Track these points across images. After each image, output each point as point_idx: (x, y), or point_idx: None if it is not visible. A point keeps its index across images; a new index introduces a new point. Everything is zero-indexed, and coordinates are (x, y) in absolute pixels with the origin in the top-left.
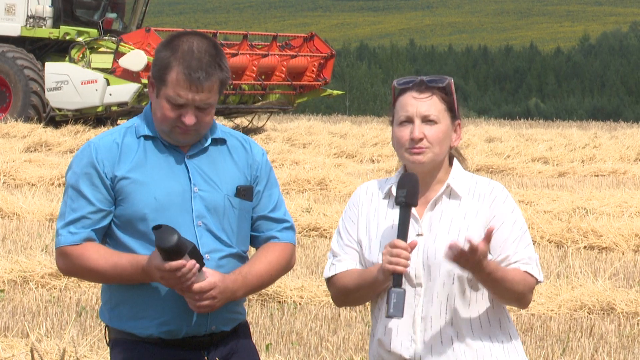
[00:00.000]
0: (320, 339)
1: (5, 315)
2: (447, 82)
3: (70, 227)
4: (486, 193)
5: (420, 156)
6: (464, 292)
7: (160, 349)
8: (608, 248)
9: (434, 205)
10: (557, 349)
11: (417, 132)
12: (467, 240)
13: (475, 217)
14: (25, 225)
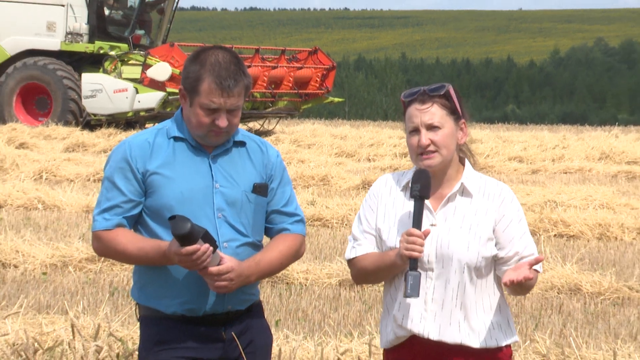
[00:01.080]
0: (323, 315)
1: (47, 295)
2: (446, 89)
3: (105, 214)
4: (496, 194)
5: (430, 161)
6: (472, 280)
7: (183, 325)
8: (575, 236)
9: (448, 201)
10: (531, 324)
11: (424, 140)
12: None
13: (485, 215)
14: (64, 216)
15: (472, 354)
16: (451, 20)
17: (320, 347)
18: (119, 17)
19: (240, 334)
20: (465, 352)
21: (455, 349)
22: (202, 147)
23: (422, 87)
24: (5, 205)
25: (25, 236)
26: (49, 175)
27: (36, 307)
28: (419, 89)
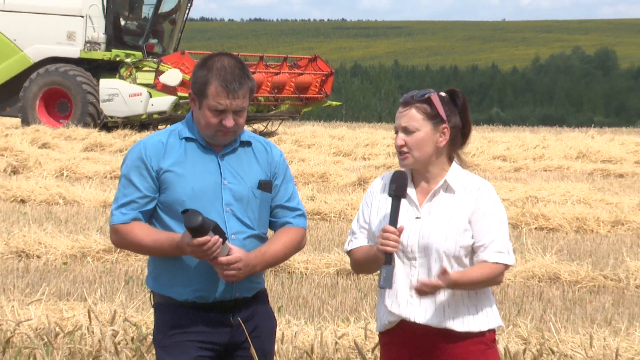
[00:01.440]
0: (322, 302)
1: (67, 283)
2: (427, 95)
3: (122, 209)
4: (474, 188)
5: (403, 161)
6: (453, 268)
7: (194, 311)
8: (554, 229)
9: (432, 196)
10: (514, 310)
11: (398, 141)
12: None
13: (464, 208)
14: (83, 211)
15: (457, 338)
16: (440, 30)
17: (319, 332)
18: (134, 27)
19: (247, 319)
20: (450, 335)
21: (440, 332)
22: (211, 146)
23: (414, 91)
24: (29, 201)
25: (47, 229)
26: (69, 172)
27: (57, 294)
28: (410, 93)
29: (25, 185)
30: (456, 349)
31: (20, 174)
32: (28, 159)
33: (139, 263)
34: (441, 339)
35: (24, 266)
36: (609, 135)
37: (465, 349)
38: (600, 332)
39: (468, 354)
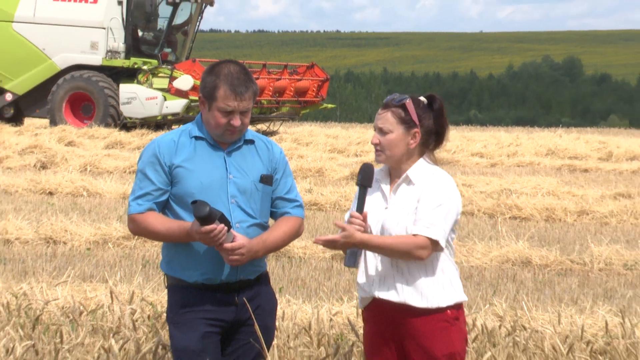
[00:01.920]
0: (319, 284)
1: (90, 266)
2: (403, 102)
3: (138, 200)
4: (427, 178)
5: (377, 157)
6: None
7: (202, 292)
8: (526, 218)
9: (396, 189)
10: (490, 291)
11: (374, 140)
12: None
13: (416, 196)
14: (105, 202)
15: (418, 313)
16: (424, 40)
17: (316, 310)
18: (150, 38)
19: (250, 299)
20: (412, 311)
21: (403, 308)
22: (218, 144)
23: (396, 94)
24: (57, 193)
25: (73, 218)
26: (92, 168)
27: (81, 276)
28: (391, 96)
29: (53, 179)
30: (419, 325)
31: (48, 169)
32: (55, 155)
33: (155, 249)
34: (405, 315)
35: (52, 251)
36: (575, 134)
37: (428, 326)
38: (568, 311)
39: (431, 331)
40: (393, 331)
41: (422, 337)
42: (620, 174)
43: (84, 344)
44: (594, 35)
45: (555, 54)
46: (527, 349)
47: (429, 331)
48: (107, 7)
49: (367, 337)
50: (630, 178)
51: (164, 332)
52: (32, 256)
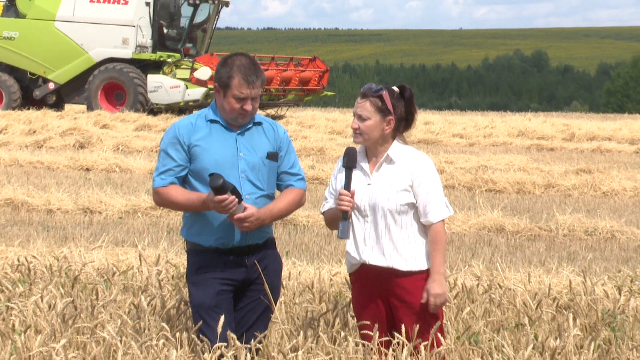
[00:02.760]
0: (320, 248)
1: (122, 233)
2: (380, 93)
3: (162, 175)
4: (412, 159)
5: (356, 139)
6: (396, 221)
7: (217, 255)
8: (500, 191)
9: (379, 167)
10: (469, 254)
11: (353, 125)
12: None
13: (402, 176)
14: (134, 177)
15: (403, 274)
16: (412, 37)
17: (318, 271)
18: (174, 35)
19: (259, 261)
20: (397, 274)
21: (389, 271)
22: (230, 126)
23: (373, 85)
24: (93, 169)
25: (107, 191)
26: (123, 147)
27: (114, 242)
28: (368, 86)
29: (90, 157)
30: (404, 284)
31: (85, 149)
32: (92, 136)
33: (177, 218)
34: (391, 276)
35: (89, 220)
36: (542, 118)
37: (411, 284)
38: (536, 271)
39: (414, 287)
40: (380, 290)
41: (407, 294)
42: (582, 152)
43: (116, 300)
44: (559, 31)
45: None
46: (501, 305)
47: (412, 289)
48: (136, 8)
49: (355, 297)
50: (590, 156)
51: (185, 290)
52: (71, 224)
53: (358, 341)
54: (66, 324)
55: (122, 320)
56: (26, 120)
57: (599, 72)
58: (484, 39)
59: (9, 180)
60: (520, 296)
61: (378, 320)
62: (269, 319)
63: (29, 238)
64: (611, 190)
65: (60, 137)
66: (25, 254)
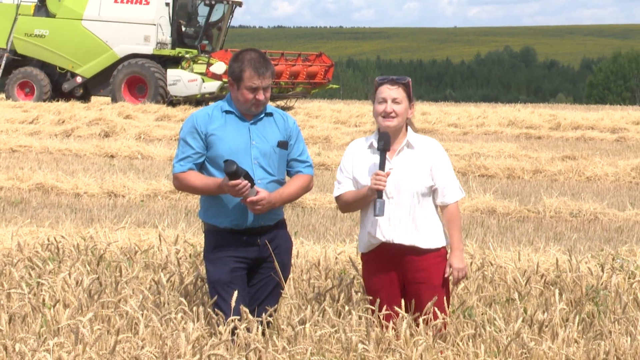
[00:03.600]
0: (326, 229)
1: (144, 215)
2: (407, 81)
3: (181, 162)
4: (430, 145)
5: (390, 122)
6: (419, 202)
7: (232, 235)
8: (492, 176)
9: (399, 153)
10: (463, 234)
11: (389, 108)
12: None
13: (424, 160)
14: (155, 163)
15: (421, 252)
16: (410, 34)
17: (324, 250)
18: (191, 32)
19: (270, 240)
20: (417, 251)
21: (409, 249)
22: (244, 116)
23: (391, 76)
24: (117, 156)
25: (130, 176)
26: (145, 136)
27: (136, 223)
28: (390, 77)
29: (114, 145)
30: (421, 261)
31: (110, 137)
32: (116, 126)
33: (195, 201)
34: (410, 254)
35: (113, 203)
36: (531, 109)
37: (426, 262)
38: (525, 250)
39: (429, 265)
40: (396, 268)
41: (423, 270)
42: (567, 140)
43: (138, 277)
44: (545, 29)
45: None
46: (493, 281)
47: (428, 266)
48: (157, 8)
49: (370, 275)
50: (575, 144)
51: (202, 268)
52: (97, 206)
53: (361, 315)
54: (92, 299)
55: (144, 295)
56: (56, 111)
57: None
58: (476, 37)
59: (39, 166)
60: (511, 273)
61: (393, 296)
62: (279, 295)
63: (58, 219)
64: (594, 176)
65: (87, 127)
66: (55, 234)
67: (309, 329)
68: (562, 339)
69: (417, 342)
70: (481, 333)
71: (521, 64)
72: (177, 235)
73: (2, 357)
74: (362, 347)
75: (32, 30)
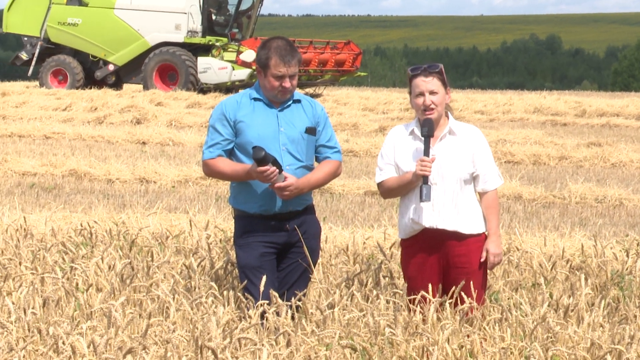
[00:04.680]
0: (354, 214)
1: (175, 200)
2: (440, 68)
3: (210, 148)
4: (471, 133)
5: (431, 115)
6: (461, 188)
7: (261, 220)
8: (518, 162)
9: (441, 140)
10: None
11: (428, 101)
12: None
13: (466, 147)
14: (186, 149)
15: (462, 237)
16: (436, 22)
17: (352, 235)
18: (222, 21)
19: (299, 225)
20: (458, 236)
21: (451, 234)
22: (272, 104)
23: (422, 65)
24: (148, 142)
25: (161, 162)
26: (176, 123)
27: (167, 208)
28: (421, 66)
29: (146, 132)
30: (462, 246)
31: (142, 124)
32: (147, 113)
33: (225, 187)
34: (451, 239)
35: (145, 189)
36: (556, 96)
37: (467, 246)
38: (551, 235)
39: (469, 250)
40: (436, 253)
41: (464, 255)
42: (592, 127)
43: (169, 261)
44: (570, 17)
45: (539, 32)
46: (519, 266)
47: (469, 251)
48: None
49: (409, 260)
50: (600, 130)
51: (232, 253)
52: (129, 192)
53: (389, 299)
54: (124, 283)
55: (175, 280)
56: (88, 99)
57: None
58: (502, 25)
59: (73, 152)
60: (537, 258)
61: (432, 282)
62: (308, 279)
63: (90, 205)
64: (619, 162)
65: (119, 114)
66: (88, 220)
67: (338, 313)
68: (588, 324)
69: (444, 326)
70: (507, 317)
71: (547, 52)
72: (208, 220)
73: (36, 340)
74: (390, 331)
75: (65, 18)
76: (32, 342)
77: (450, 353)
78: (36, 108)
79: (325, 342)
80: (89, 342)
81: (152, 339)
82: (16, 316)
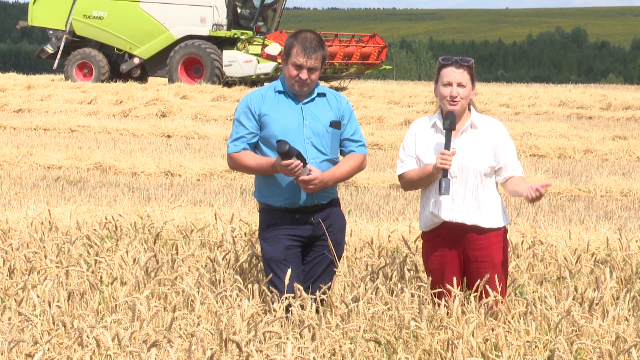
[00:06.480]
0: (379, 207)
1: (200, 194)
2: (471, 62)
3: (235, 142)
4: (493, 126)
5: (455, 106)
6: (482, 182)
7: (286, 213)
8: (543, 156)
9: (462, 133)
10: (515, 213)
11: (454, 92)
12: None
13: (487, 140)
14: (211, 143)
15: (483, 231)
16: (462, 15)
17: (377, 228)
18: (247, 14)
19: (324, 219)
20: (478, 230)
21: (471, 228)
22: (296, 97)
23: (454, 57)
24: (173, 136)
25: (186, 155)
26: (201, 116)
27: (192, 202)
28: (453, 58)
29: (171, 125)
30: (482, 240)
31: (167, 117)
32: (173, 106)
33: (249, 180)
34: (470, 232)
35: (169, 182)
36: (582, 89)
37: (488, 240)
38: (576, 229)
39: (490, 244)
40: (457, 246)
41: (484, 249)
42: (617, 120)
43: (194, 255)
44: (596, 10)
45: (565, 25)
46: (544, 259)
47: (489, 244)
48: None
49: (430, 253)
50: (625, 124)
51: (257, 246)
52: (154, 185)
53: (414, 292)
54: (149, 276)
55: (200, 273)
56: (114, 92)
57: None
58: (528, 17)
59: (98, 146)
60: (561, 252)
61: (455, 275)
62: (333, 272)
63: (115, 198)
64: None
65: (144, 107)
66: (113, 213)
67: (362, 306)
68: (613, 317)
69: (469, 320)
70: (532, 310)
71: (572, 45)
72: (233, 213)
73: (60, 333)
74: (415, 325)
75: (90, 12)
76: (57, 335)
77: (475, 346)
78: (61, 101)
79: (349, 335)
80: (113, 336)
81: (176, 332)
82: (41, 309)
